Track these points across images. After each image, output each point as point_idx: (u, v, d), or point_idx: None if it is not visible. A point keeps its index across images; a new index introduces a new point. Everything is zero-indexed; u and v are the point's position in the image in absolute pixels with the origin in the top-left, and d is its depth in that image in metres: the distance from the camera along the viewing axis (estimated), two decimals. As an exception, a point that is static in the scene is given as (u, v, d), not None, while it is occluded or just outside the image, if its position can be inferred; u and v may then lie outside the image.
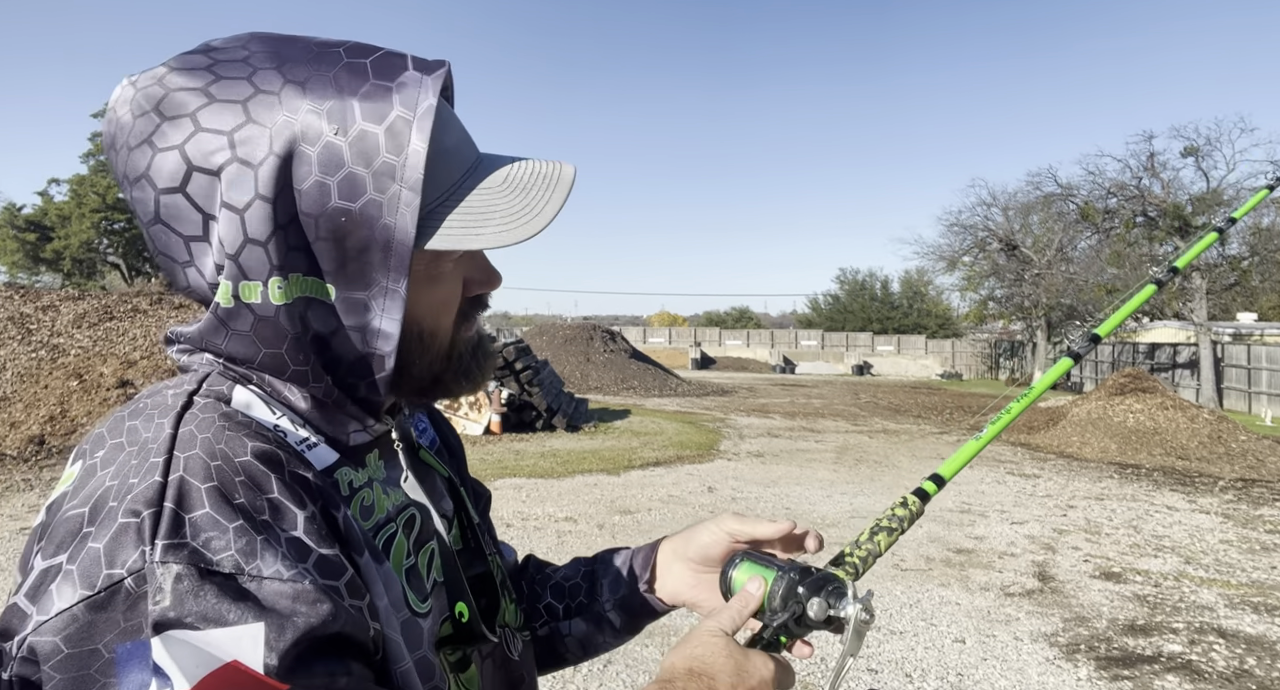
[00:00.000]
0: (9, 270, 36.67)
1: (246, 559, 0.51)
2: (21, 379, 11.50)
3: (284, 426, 0.63)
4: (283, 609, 0.51)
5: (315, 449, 0.64)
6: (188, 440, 0.55)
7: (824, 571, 0.76)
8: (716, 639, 0.70)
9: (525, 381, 14.23)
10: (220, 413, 0.59)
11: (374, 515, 0.67)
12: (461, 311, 0.71)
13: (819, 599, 0.72)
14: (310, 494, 0.59)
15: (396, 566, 0.66)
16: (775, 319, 68.46)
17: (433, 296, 0.68)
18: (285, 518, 0.55)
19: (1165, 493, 9.58)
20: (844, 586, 0.74)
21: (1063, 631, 4.93)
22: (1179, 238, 25.28)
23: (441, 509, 0.76)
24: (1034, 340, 34.58)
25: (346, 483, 0.65)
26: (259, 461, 0.56)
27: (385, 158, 0.59)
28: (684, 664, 0.68)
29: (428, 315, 0.68)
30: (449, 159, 0.64)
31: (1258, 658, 4.58)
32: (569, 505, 7.95)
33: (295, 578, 0.52)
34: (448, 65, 0.64)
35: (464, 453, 0.95)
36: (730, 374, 37.96)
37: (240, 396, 0.62)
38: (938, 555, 6.58)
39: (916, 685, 4.12)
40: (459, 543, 0.79)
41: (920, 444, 13.56)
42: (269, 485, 0.56)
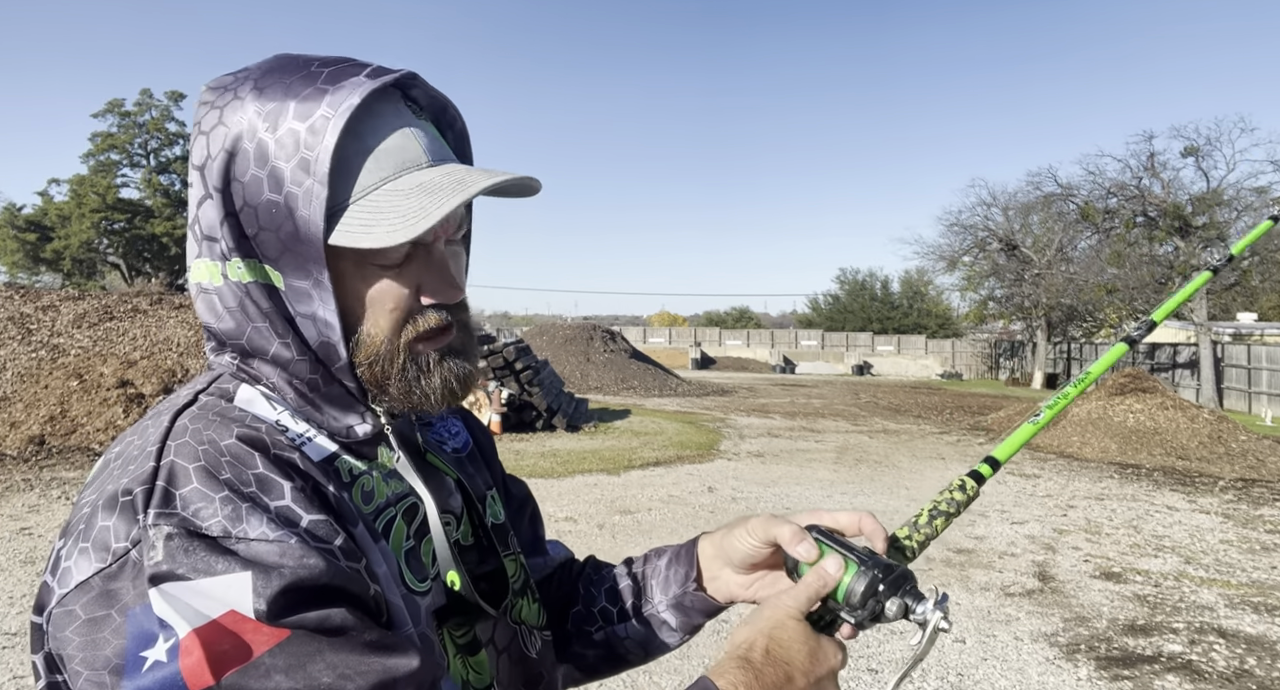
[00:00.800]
0: (9, 270, 36.68)
1: (233, 523, 0.57)
2: (21, 379, 11.50)
3: (284, 422, 0.68)
4: (269, 562, 0.56)
5: (312, 441, 0.68)
6: (180, 431, 0.62)
7: (900, 567, 0.73)
8: (794, 622, 0.70)
9: (525, 381, 14.23)
10: (217, 408, 0.66)
11: (374, 500, 0.70)
12: (409, 316, 0.70)
13: (898, 599, 0.70)
14: (298, 472, 0.63)
15: (396, 548, 0.70)
16: (775, 319, 68.47)
17: (363, 294, 0.68)
18: (272, 489, 0.60)
19: (1165, 493, 9.58)
20: (918, 586, 0.72)
21: (1063, 631, 4.93)
22: (1179, 237, 25.30)
23: (447, 505, 0.79)
24: (1034, 340, 34.58)
25: (346, 470, 0.70)
26: (243, 444, 0.62)
27: (303, 153, 0.64)
28: (762, 642, 0.68)
29: (362, 313, 0.69)
30: (378, 159, 0.66)
31: (1258, 658, 4.58)
32: (569, 505, 7.95)
33: (281, 537, 0.57)
34: (401, 73, 0.69)
35: (496, 456, 0.97)
36: (730, 374, 37.96)
37: (244, 394, 0.69)
38: (938, 555, 6.57)
39: (917, 685, 4.12)
40: (468, 539, 0.81)
41: (920, 444, 13.56)
42: (254, 462, 0.61)
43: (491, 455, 0.95)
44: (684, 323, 60.81)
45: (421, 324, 0.70)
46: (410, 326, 0.70)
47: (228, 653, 0.53)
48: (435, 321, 0.71)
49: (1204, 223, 24.86)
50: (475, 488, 0.87)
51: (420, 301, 0.70)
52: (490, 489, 0.90)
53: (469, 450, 0.91)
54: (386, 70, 0.68)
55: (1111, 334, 32.05)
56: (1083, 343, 33.65)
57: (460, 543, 0.80)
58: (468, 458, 0.90)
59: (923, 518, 0.80)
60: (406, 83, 0.71)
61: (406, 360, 0.71)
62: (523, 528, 0.97)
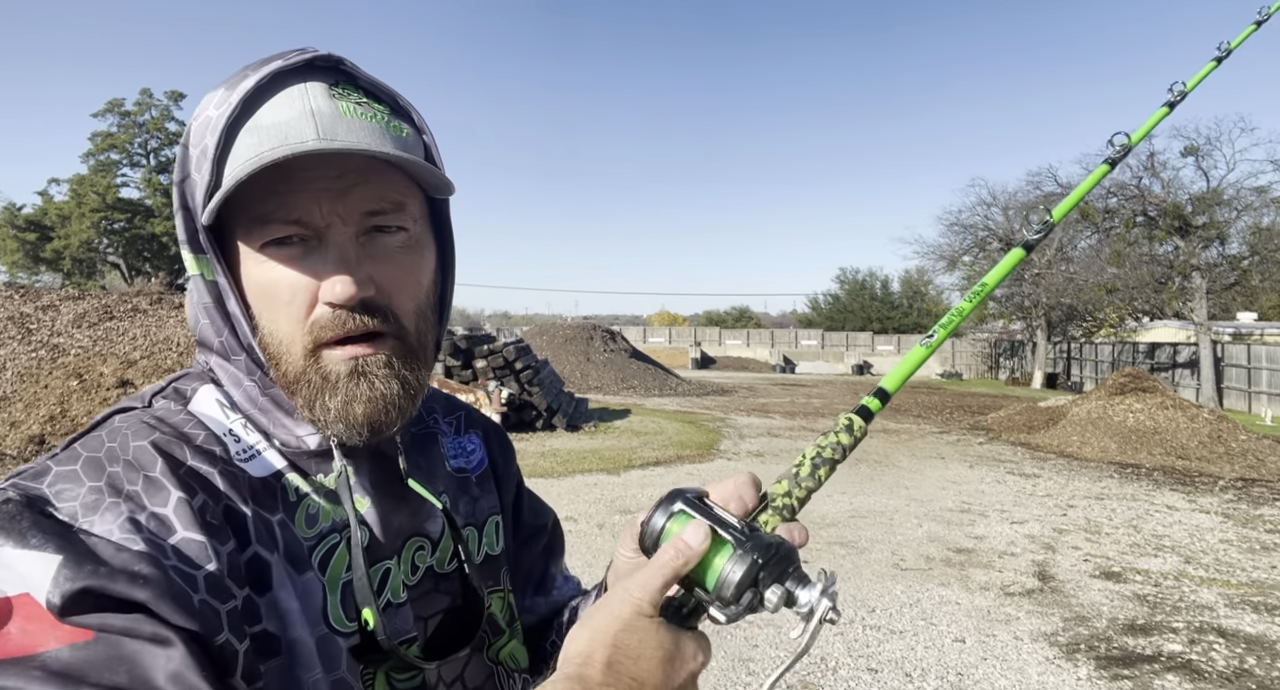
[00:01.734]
0: (9, 270, 36.66)
1: (85, 512, 0.54)
2: (21, 379, 11.50)
3: (237, 431, 0.66)
4: (95, 556, 0.51)
5: (257, 458, 0.65)
6: (104, 427, 0.62)
7: (782, 545, 0.59)
8: (644, 620, 0.55)
9: (525, 381, 14.23)
10: (160, 413, 0.64)
11: (318, 524, 0.66)
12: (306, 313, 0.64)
13: (781, 589, 0.57)
14: (205, 487, 0.59)
15: (333, 579, 0.65)
16: (775, 319, 68.47)
17: (258, 282, 0.64)
18: (157, 494, 0.57)
19: (1165, 492, 9.57)
20: (802, 568, 0.59)
21: (1063, 631, 4.93)
22: (1179, 237, 25.28)
23: (421, 529, 0.74)
24: (1034, 340, 34.56)
25: (293, 489, 0.66)
26: (152, 447, 0.59)
27: (206, 138, 0.63)
28: (601, 653, 0.54)
29: (262, 306, 0.65)
30: (256, 134, 0.62)
31: (1258, 657, 4.58)
32: (569, 505, 7.95)
33: (126, 541, 0.53)
34: (313, 53, 0.66)
35: (514, 481, 0.91)
36: (730, 374, 37.95)
37: (202, 398, 0.67)
38: (938, 555, 6.58)
39: (916, 685, 4.12)
40: (443, 567, 0.75)
41: (920, 443, 13.56)
42: (153, 467, 0.58)
43: (507, 480, 0.89)
44: (684, 322, 60.79)
45: (322, 329, 0.64)
46: (309, 328, 0.64)
47: (11, 636, 0.48)
48: (337, 332, 0.63)
49: (1204, 222, 24.85)
50: (477, 513, 0.82)
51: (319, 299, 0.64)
52: (494, 516, 0.84)
53: (481, 471, 0.85)
54: (298, 52, 0.66)
55: (1112, 333, 32.04)
56: (1083, 342, 33.64)
57: (435, 570, 0.75)
58: (477, 479, 0.84)
59: (804, 468, 0.66)
60: (351, 72, 0.67)
61: (308, 367, 0.64)
62: (528, 560, 0.90)
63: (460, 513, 0.80)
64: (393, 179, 0.66)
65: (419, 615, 0.73)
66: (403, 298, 0.67)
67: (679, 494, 0.62)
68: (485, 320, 57.37)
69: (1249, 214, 25.14)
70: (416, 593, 0.73)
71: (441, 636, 0.74)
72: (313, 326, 0.64)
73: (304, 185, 0.62)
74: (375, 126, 0.65)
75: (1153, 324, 31.26)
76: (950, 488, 9.42)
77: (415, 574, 0.73)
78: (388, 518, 0.71)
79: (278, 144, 0.60)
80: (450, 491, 0.80)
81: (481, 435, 0.89)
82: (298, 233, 0.63)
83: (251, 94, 0.63)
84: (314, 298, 0.63)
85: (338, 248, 0.63)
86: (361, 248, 0.65)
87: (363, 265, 0.64)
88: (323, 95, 0.64)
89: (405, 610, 0.71)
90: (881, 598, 5.46)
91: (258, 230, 0.63)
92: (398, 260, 0.67)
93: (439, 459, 0.81)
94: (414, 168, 0.65)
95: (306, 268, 0.63)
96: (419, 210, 0.70)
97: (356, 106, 0.65)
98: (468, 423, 0.89)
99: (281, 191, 0.62)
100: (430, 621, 0.74)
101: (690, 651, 0.56)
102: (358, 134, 0.63)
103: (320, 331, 0.64)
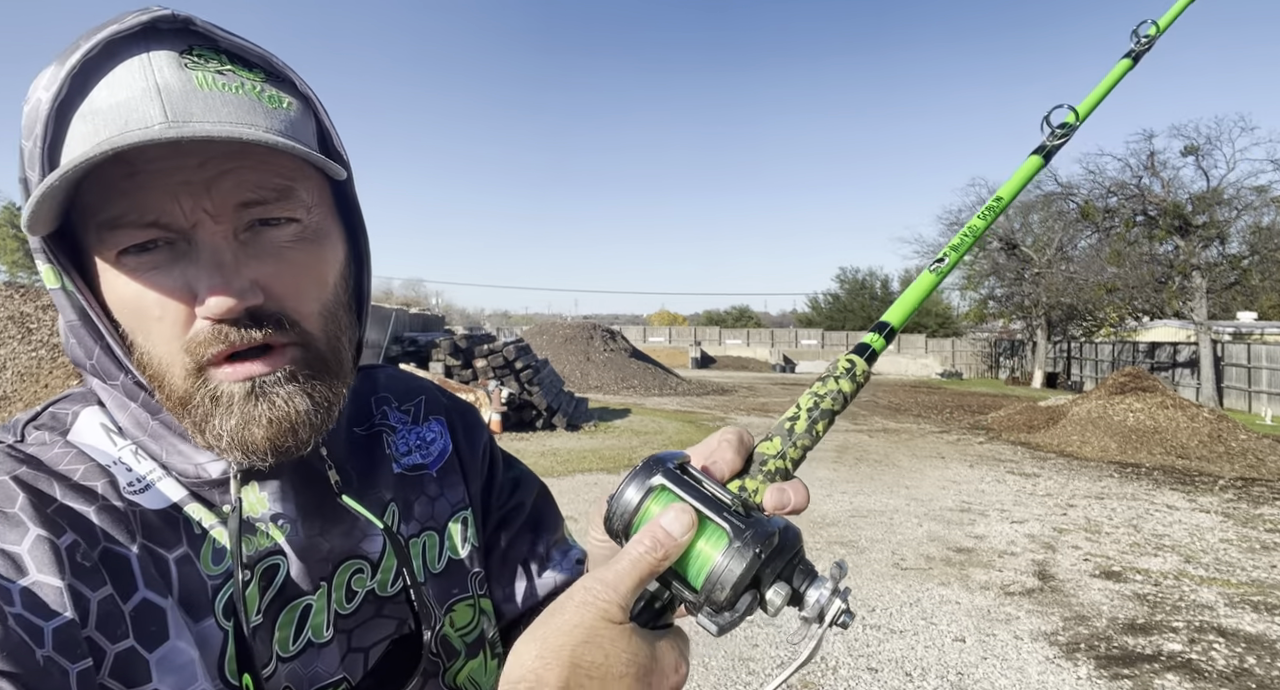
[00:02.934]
0: (9, 270, 36.67)
1: None
2: (21, 378, 11.51)
3: (126, 459, 0.58)
4: None
5: (150, 489, 0.57)
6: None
7: (787, 529, 0.48)
8: (608, 630, 0.44)
9: (525, 381, 14.24)
10: (28, 451, 0.56)
11: (225, 560, 0.58)
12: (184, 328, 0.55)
13: (786, 589, 0.46)
14: (78, 526, 0.52)
15: (240, 624, 0.57)
16: (775, 318, 68.46)
17: (121, 296, 0.55)
18: (13, 531, 0.49)
19: (1165, 492, 9.57)
20: (809, 564, 0.48)
21: (1063, 630, 4.93)
22: (1179, 236, 25.28)
23: (355, 552, 0.66)
24: (1034, 339, 34.56)
25: (195, 521, 0.58)
26: (13, 481, 0.52)
27: (35, 129, 0.52)
28: (556, 673, 0.43)
29: (130, 322, 0.56)
30: (90, 121, 0.52)
31: (1258, 656, 4.58)
32: (569, 505, 7.95)
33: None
34: (151, 14, 0.53)
35: (483, 464, 0.80)
36: (730, 373, 37.95)
37: (84, 424, 0.59)
38: (938, 554, 6.58)
39: (916, 684, 4.12)
40: (386, 589, 0.67)
41: (920, 443, 13.56)
42: (12, 502, 0.51)
43: (473, 466, 0.78)
44: (684, 322, 60.80)
45: (202, 346, 0.54)
46: (188, 345, 0.54)
47: None
48: (220, 347, 0.54)
49: (1204, 221, 24.85)
50: (437, 514, 0.73)
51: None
52: (461, 510, 0.75)
53: (443, 463, 0.76)
54: (175, 18, 0.54)
55: (1112, 333, 32.04)
56: (1083, 342, 33.64)
57: (377, 593, 0.66)
58: (439, 472, 0.75)
59: (800, 422, 0.55)
60: (207, 33, 0.55)
61: (194, 389, 0.55)
62: (507, 544, 0.79)
63: (415, 518, 0.72)
64: (275, 161, 0.55)
65: (357, 647, 0.65)
66: (302, 300, 0.57)
67: (658, 463, 0.50)
68: (485, 320, 57.37)
69: (1249, 213, 25.15)
70: (353, 622, 0.65)
71: (388, 667, 0.66)
72: (190, 344, 0.54)
73: (157, 180, 0.52)
74: (244, 99, 0.54)
75: (1153, 323, 31.26)
76: (950, 487, 9.42)
77: (353, 600, 0.65)
78: (314, 543, 0.63)
79: (116, 132, 0.50)
80: (400, 497, 0.71)
81: (444, 420, 0.79)
82: (158, 236, 0.53)
83: (80, 68, 0.51)
84: (190, 310, 0.54)
85: (210, 250, 0.53)
86: (242, 246, 0.55)
87: (243, 268, 0.54)
88: (171, 66, 0.52)
89: (330, 650, 0.63)
90: (881, 597, 5.46)
91: (109, 237, 0.53)
92: (290, 257, 0.57)
93: (385, 461, 0.72)
94: (291, 152, 0.53)
95: (175, 277, 0.53)
96: (315, 195, 0.59)
97: (217, 76, 0.53)
98: (428, 409, 0.79)
99: (129, 190, 0.52)
100: (372, 652, 0.66)
101: (670, 663, 0.46)
102: (219, 111, 0.52)
103: (200, 349, 0.54)
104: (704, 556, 0.46)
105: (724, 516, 0.47)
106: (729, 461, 0.52)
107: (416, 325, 17.51)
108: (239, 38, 0.57)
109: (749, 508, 0.49)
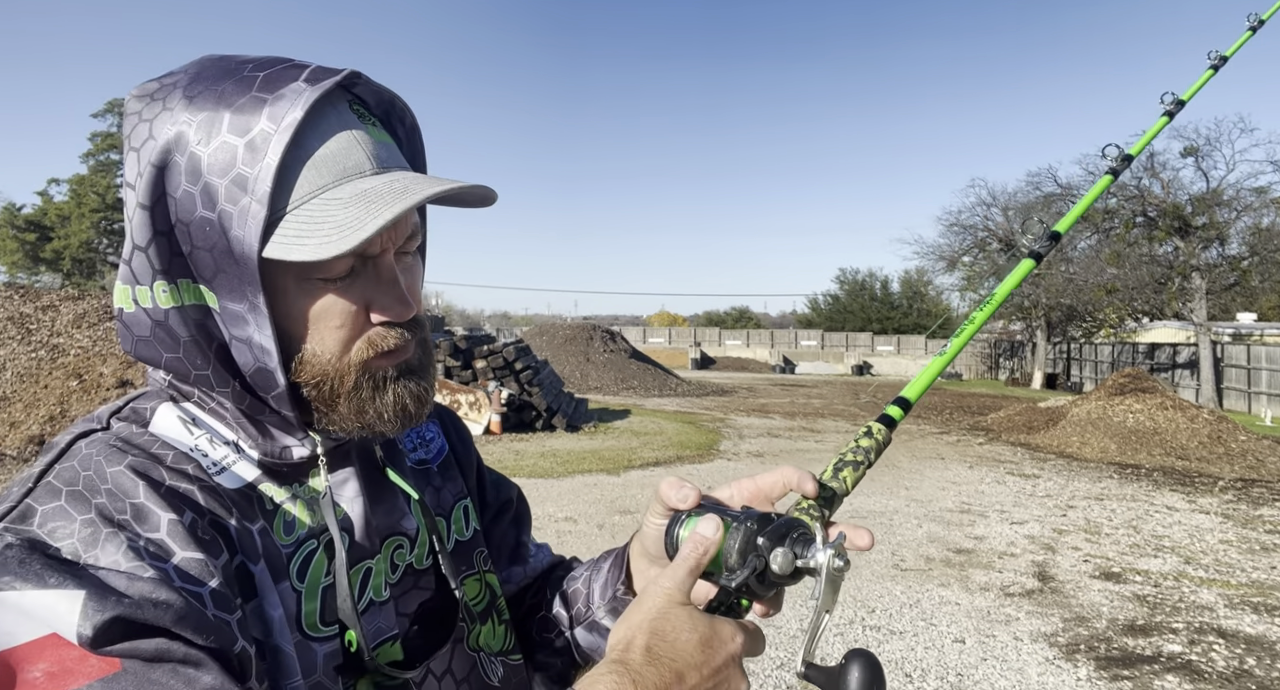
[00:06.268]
0: (9, 270, 36.68)
1: (86, 547, 0.54)
2: (21, 379, 11.51)
3: (203, 447, 0.66)
4: (113, 587, 0.52)
5: (227, 471, 0.65)
6: (71, 456, 0.60)
7: (786, 517, 0.64)
8: (677, 608, 0.59)
9: (525, 381, 14.23)
10: (124, 434, 0.63)
11: (296, 531, 0.67)
12: (359, 333, 0.66)
13: (784, 549, 0.60)
14: (190, 505, 0.60)
15: (312, 585, 0.66)
16: (775, 319, 68.47)
17: (306, 311, 0.64)
18: (148, 520, 0.57)
19: (1165, 493, 9.58)
20: (811, 532, 0.62)
21: (1062, 631, 4.93)
22: (1178, 237, 25.29)
23: (398, 527, 0.76)
24: (1034, 340, 34.58)
25: (269, 498, 0.67)
26: (130, 471, 0.59)
27: (240, 169, 0.59)
28: (641, 639, 0.58)
29: (306, 332, 0.65)
30: (316, 167, 0.61)
31: (1257, 658, 4.58)
32: (569, 505, 7.96)
33: (135, 570, 0.54)
34: (343, 74, 0.64)
35: (474, 462, 0.93)
36: (730, 374, 37.95)
37: (162, 417, 0.66)
38: (938, 555, 6.58)
39: (916, 685, 4.12)
40: (422, 562, 0.78)
41: (920, 444, 13.56)
42: (136, 492, 0.58)
43: (468, 463, 0.91)
44: (684, 323, 60.80)
45: (379, 343, 0.67)
46: (363, 345, 0.66)
47: (38, 681, 0.48)
48: (394, 341, 0.67)
49: (1203, 223, 24.86)
50: (442, 501, 0.84)
51: (370, 318, 0.66)
52: (462, 500, 0.86)
53: (442, 459, 0.87)
54: (328, 71, 0.64)
55: (1111, 334, 32.06)
56: (1082, 343, 33.65)
57: (414, 566, 0.77)
58: (440, 467, 0.86)
59: (827, 472, 0.72)
60: (350, 82, 0.66)
61: (360, 379, 0.67)
62: (498, 534, 0.93)
63: (428, 503, 0.82)
64: None
65: (402, 612, 0.75)
66: (420, 307, 0.71)
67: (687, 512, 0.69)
68: (485, 320, 57.36)
69: (1249, 214, 25.16)
70: (399, 590, 0.75)
71: (423, 632, 0.76)
72: (368, 343, 0.66)
73: None
74: (391, 145, 0.67)
75: (1152, 324, 31.28)
76: (950, 488, 9.42)
77: (396, 572, 0.75)
78: (368, 519, 0.72)
79: (333, 178, 0.62)
80: (416, 484, 0.81)
81: (438, 423, 0.91)
82: (356, 264, 0.65)
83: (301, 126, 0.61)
84: (365, 318, 0.66)
85: (390, 272, 0.66)
86: (401, 270, 0.68)
87: (404, 286, 0.67)
88: (355, 120, 0.65)
89: (389, 608, 0.73)
90: (881, 598, 5.46)
91: (321, 266, 0.62)
92: (417, 275, 0.72)
93: (400, 454, 0.83)
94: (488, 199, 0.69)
95: (356, 291, 0.65)
96: None
97: (372, 127, 0.66)
98: None
99: None
100: (413, 617, 0.76)
101: (727, 633, 0.60)
102: (394, 158, 0.67)
103: (379, 344, 0.66)
104: (723, 547, 0.63)
105: (727, 514, 0.65)
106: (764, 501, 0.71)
107: (416, 326, 17.50)
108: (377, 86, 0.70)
109: (749, 510, 0.65)
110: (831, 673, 0.58)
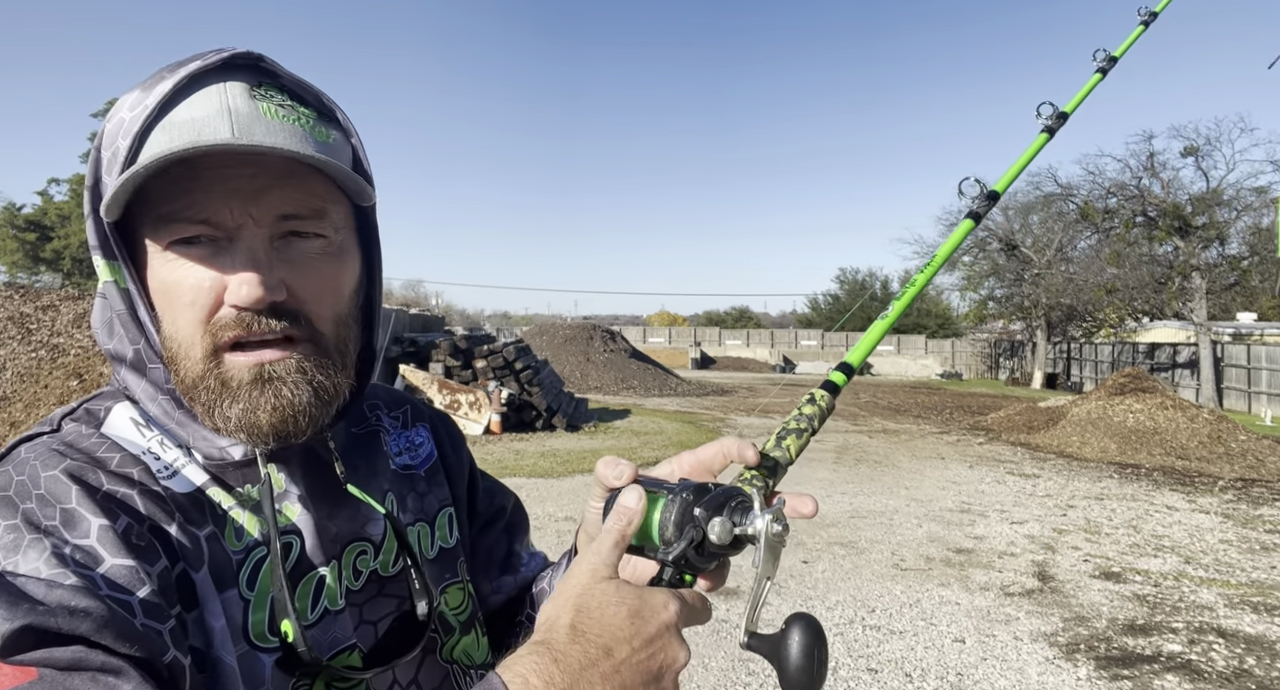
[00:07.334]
0: (9, 270, 36.69)
1: (6, 554, 0.53)
2: (21, 379, 11.51)
3: (154, 449, 0.64)
4: (28, 594, 0.51)
5: (178, 475, 0.64)
6: (9, 461, 0.60)
7: (722, 487, 0.62)
8: (603, 583, 0.56)
9: (525, 381, 14.24)
10: (70, 438, 0.63)
11: (245, 537, 0.65)
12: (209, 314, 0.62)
13: (721, 518, 0.59)
14: (127, 510, 0.59)
15: (262, 593, 0.64)
16: (775, 319, 68.46)
17: (163, 283, 0.63)
18: (78, 526, 0.56)
19: (1165, 493, 9.58)
20: (749, 499, 0.60)
21: (1062, 631, 4.93)
22: (1178, 237, 25.29)
23: (361, 534, 0.73)
24: (1034, 340, 34.58)
25: (218, 502, 0.65)
26: (64, 476, 0.58)
27: (120, 142, 0.62)
28: (566, 617, 0.55)
29: (161, 309, 0.63)
30: (168, 131, 0.61)
31: (1257, 657, 4.58)
32: (569, 505, 7.96)
33: (56, 577, 0.52)
34: (228, 53, 0.64)
35: (466, 469, 0.90)
36: (730, 374, 37.96)
37: (116, 418, 0.65)
38: (937, 555, 6.58)
39: (916, 685, 4.13)
40: (388, 570, 0.75)
41: (920, 444, 13.56)
42: (68, 497, 0.57)
43: (458, 470, 0.88)
44: (684, 322, 60.80)
45: (220, 332, 0.62)
46: (211, 329, 0.62)
47: None
48: (236, 332, 0.61)
49: (1204, 223, 24.86)
50: (426, 508, 0.81)
51: (224, 299, 0.62)
52: (447, 507, 0.84)
53: (430, 465, 0.84)
54: (216, 52, 0.64)
55: (1111, 334, 32.05)
56: (1082, 343, 33.65)
57: (380, 573, 0.74)
58: (426, 474, 0.84)
59: (770, 442, 0.70)
60: (273, 71, 0.66)
61: (206, 371, 0.62)
62: (488, 542, 0.90)
63: (408, 510, 0.80)
64: (313, 184, 0.64)
65: (368, 620, 0.72)
66: (319, 305, 0.65)
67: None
68: (485, 320, 57.37)
69: (1249, 214, 25.17)
70: (362, 598, 0.72)
71: (392, 640, 0.73)
72: (214, 327, 0.62)
73: (216, 184, 0.61)
74: (298, 129, 0.63)
75: (1153, 324, 31.27)
76: (950, 488, 9.42)
77: (359, 578, 0.72)
78: (323, 524, 0.70)
79: (190, 141, 0.59)
80: (396, 489, 0.79)
81: (429, 428, 0.88)
82: (206, 232, 0.61)
83: (169, 96, 0.61)
84: (218, 299, 0.61)
85: (248, 248, 0.61)
86: (276, 251, 0.63)
87: (275, 269, 0.62)
88: (242, 95, 0.62)
89: (344, 617, 0.70)
90: (881, 598, 5.47)
91: (164, 229, 0.61)
92: (315, 267, 0.65)
93: (382, 458, 0.80)
94: (334, 172, 0.63)
95: (213, 268, 0.61)
96: (342, 218, 0.68)
97: (279, 109, 0.63)
98: (414, 416, 0.88)
99: (191, 189, 0.60)
100: (380, 625, 0.73)
101: (659, 602, 0.56)
102: (277, 136, 0.61)
103: (221, 332, 0.62)
104: (655, 519, 0.61)
105: (663, 488, 0.62)
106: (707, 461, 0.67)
107: (416, 326, 17.51)
108: (297, 77, 0.67)
109: (687, 482, 0.62)
110: (773, 640, 0.57)
